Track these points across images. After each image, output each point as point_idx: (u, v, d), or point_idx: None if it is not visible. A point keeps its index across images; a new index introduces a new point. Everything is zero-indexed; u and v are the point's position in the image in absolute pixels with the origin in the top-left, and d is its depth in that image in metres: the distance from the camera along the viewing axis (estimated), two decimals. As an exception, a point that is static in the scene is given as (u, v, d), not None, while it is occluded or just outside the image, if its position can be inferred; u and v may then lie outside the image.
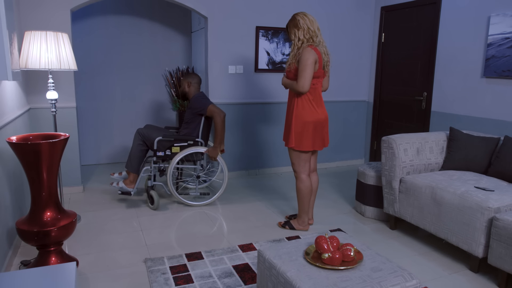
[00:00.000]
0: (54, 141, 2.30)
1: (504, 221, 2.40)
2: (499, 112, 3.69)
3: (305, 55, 2.89)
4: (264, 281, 2.03)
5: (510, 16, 3.48)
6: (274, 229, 3.33)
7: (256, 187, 4.48)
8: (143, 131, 3.75)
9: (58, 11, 3.79)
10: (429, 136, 3.42)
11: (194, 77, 3.86)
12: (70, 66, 3.07)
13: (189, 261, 2.73)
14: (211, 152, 3.69)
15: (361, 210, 3.66)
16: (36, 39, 2.92)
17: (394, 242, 3.13)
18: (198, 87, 3.90)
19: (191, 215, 3.60)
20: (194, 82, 3.86)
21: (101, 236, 3.14)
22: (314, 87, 3.02)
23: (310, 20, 3.01)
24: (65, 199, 3.93)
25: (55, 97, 3.17)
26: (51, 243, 2.39)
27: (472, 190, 2.73)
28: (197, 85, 3.88)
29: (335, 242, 1.93)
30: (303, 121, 3.02)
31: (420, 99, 4.56)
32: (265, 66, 4.76)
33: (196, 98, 3.79)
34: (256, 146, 4.93)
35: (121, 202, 3.90)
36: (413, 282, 1.81)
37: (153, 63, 5.49)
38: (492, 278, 2.59)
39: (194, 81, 3.85)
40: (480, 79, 3.84)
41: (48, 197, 2.37)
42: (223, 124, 3.65)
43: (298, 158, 3.14)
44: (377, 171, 3.53)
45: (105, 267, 2.66)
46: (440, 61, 4.27)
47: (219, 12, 4.45)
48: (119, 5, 5.19)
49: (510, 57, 3.51)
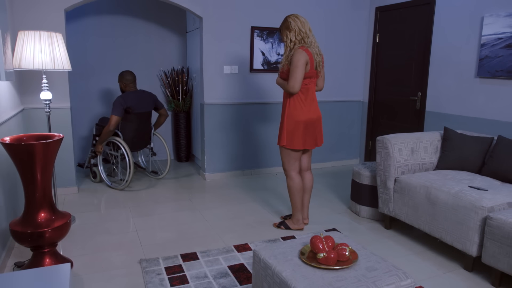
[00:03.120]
0: (48, 141, 2.29)
1: (497, 220, 2.42)
2: (492, 112, 3.71)
3: (296, 56, 2.93)
4: (259, 281, 2.03)
5: (503, 16, 3.51)
6: (269, 229, 3.33)
7: (251, 187, 4.48)
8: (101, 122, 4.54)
9: (52, 11, 3.77)
10: (423, 136, 3.44)
11: (127, 75, 4.31)
12: (64, 66, 3.06)
13: (184, 262, 2.72)
14: (96, 146, 4.31)
15: (356, 210, 3.68)
16: (30, 39, 2.90)
17: (389, 242, 3.14)
18: (133, 85, 4.35)
19: (186, 215, 3.59)
20: (129, 80, 4.31)
21: (96, 237, 3.13)
22: (306, 87, 3.05)
23: (302, 21, 3.04)
24: (60, 200, 3.91)
25: (49, 98, 3.16)
26: (45, 244, 2.37)
27: (466, 190, 2.75)
28: (131, 83, 4.33)
29: (330, 242, 1.93)
30: (294, 120, 3.06)
31: (415, 99, 4.58)
32: (260, 66, 4.76)
33: (117, 98, 4.19)
34: (251, 146, 4.93)
35: (116, 203, 3.89)
36: (407, 281, 1.82)
37: (147, 63, 5.47)
38: (486, 277, 2.61)
39: (128, 80, 4.31)
40: (474, 79, 3.86)
41: (42, 198, 2.36)
42: (105, 135, 4.17)
43: (288, 156, 3.17)
44: (372, 171, 3.54)
45: (99, 268, 2.65)
46: (434, 61, 4.29)
47: (214, 12, 4.45)
48: (113, 5, 5.18)
49: (503, 57, 3.53)
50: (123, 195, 4.12)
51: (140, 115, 4.34)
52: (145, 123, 4.44)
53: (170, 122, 5.74)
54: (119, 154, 4.41)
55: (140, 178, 4.78)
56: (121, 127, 4.33)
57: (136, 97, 4.29)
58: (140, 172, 4.97)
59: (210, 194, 4.23)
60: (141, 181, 4.68)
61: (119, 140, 4.21)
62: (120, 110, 4.14)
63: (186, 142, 5.58)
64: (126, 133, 4.34)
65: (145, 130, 4.50)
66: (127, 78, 4.31)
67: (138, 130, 4.41)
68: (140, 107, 4.31)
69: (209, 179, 4.76)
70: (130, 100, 4.22)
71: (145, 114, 4.41)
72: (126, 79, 4.31)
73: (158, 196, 4.11)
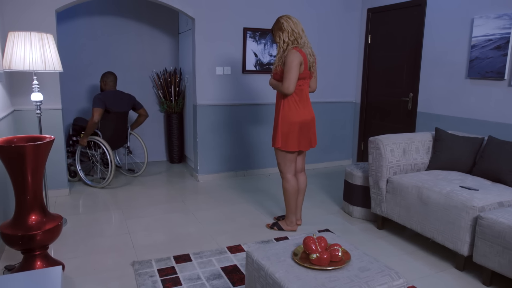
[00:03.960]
0: (39, 143, 2.27)
1: (488, 219, 2.44)
2: (483, 113, 3.75)
3: (290, 57, 2.92)
4: (252, 283, 2.03)
5: (493, 18, 3.55)
6: (262, 230, 3.33)
7: (244, 188, 4.47)
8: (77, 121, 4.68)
9: (42, 11, 3.74)
10: (415, 137, 3.46)
11: (108, 76, 4.50)
12: (55, 67, 3.03)
13: (177, 263, 2.71)
14: (80, 140, 4.37)
15: (349, 210, 3.69)
16: (20, 40, 2.88)
17: (382, 242, 3.15)
18: (113, 85, 4.53)
19: (178, 217, 3.58)
20: (109, 80, 4.49)
21: (88, 239, 3.10)
22: (300, 88, 3.05)
23: (294, 22, 3.04)
24: (51, 202, 3.88)
25: (40, 99, 3.13)
26: (36, 247, 2.35)
27: (457, 190, 2.77)
28: (111, 83, 4.51)
29: (323, 243, 1.94)
30: (289, 122, 3.05)
31: (406, 100, 4.61)
32: (252, 67, 4.77)
33: (97, 95, 4.35)
34: (244, 147, 4.93)
35: (108, 205, 3.87)
36: (400, 281, 1.83)
37: (140, 64, 5.45)
38: (477, 276, 2.63)
39: (109, 79, 4.49)
40: (465, 80, 3.90)
41: (33, 200, 2.33)
42: (90, 127, 4.27)
43: (284, 158, 3.16)
44: (364, 171, 3.56)
45: (92, 270, 2.63)
46: (425, 63, 4.33)
47: (206, 13, 4.44)
48: (105, 6, 5.15)
49: (493, 58, 3.57)
50: (115, 197, 4.10)
51: (118, 115, 4.53)
52: (122, 122, 4.64)
53: (162, 123, 5.72)
54: (99, 153, 4.54)
55: (117, 176, 4.87)
56: (101, 126, 4.51)
57: (115, 96, 4.49)
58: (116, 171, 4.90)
59: (203, 195, 4.22)
60: (118, 178, 4.79)
61: (99, 139, 4.35)
62: (102, 104, 4.31)
63: (179, 144, 5.57)
64: (105, 132, 4.51)
65: (123, 129, 4.70)
66: (109, 77, 4.51)
67: (116, 129, 4.59)
68: (118, 106, 4.50)
69: (202, 180, 4.74)
70: (109, 98, 4.41)
71: (123, 114, 4.61)
72: (108, 79, 4.50)
73: (150, 198, 4.09)
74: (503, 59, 3.49)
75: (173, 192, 4.33)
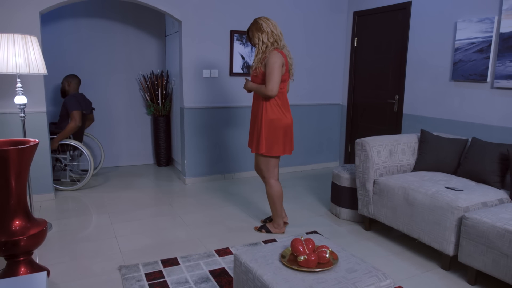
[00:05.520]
0: (22, 147, 2.23)
1: (472, 219, 2.48)
2: (466, 114, 3.82)
3: (273, 58, 2.88)
4: (240, 285, 2.03)
5: (475, 22, 3.62)
6: (250, 233, 3.33)
7: (232, 191, 4.47)
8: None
9: (26, 13, 3.68)
10: (401, 138, 3.50)
11: (73, 78, 4.53)
12: (39, 70, 2.99)
13: (165, 267, 2.69)
14: (51, 143, 4.23)
15: (337, 212, 3.71)
16: (3, 42, 2.83)
17: (369, 243, 3.18)
18: (77, 88, 4.57)
19: (166, 220, 3.55)
20: (74, 82, 4.52)
21: (74, 244, 3.06)
22: (281, 91, 3.02)
23: (273, 24, 3.03)
24: (36, 207, 3.82)
25: (23, 102, 3.08)
26: (20, 252, 2.31)
27: (443, 190, 2.81)
28: (75, 85, 4.54)
29: (310, 245, 1.94)
30: (275, 126, 3.00)
31: (392, 102, 4.66)
32: (240, 70, 4.77)
33: (71, 97, 4.36)
34: (231, 150, 4.92)
35: (94, 209, 3.82)
36: (387, 282, 1.84)
37: (126, 67, 5.40)
38: (463, 275, 2.67)
39: (74, 81, 4.52)
40: (449, 83, 3.96)
41: (16, 205, 2.29)
42: (71, 131, 4.27)
43: (267, 164, 3.12)
44: (351, 173, 3.58)
45: (77, 276, 2.59)
46: (411, 65, 4.39)
47: (193, 16, 4.43)
48: (90, 8, 5.09)
49: (476, 61, 3.64)
50: (102, 201, 4.05)
51: (84, 117, 4.58)
52: (83, 124, 4.67)
53: (149, 126, 5.68)
54: (68, 155, 4.52)
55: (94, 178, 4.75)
56: None
57: (83, 98, 4.58)
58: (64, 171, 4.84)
59: (191, 198, 4.20)
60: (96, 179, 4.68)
61: (76, 142, 4.36)
62: (79, 106, 4.35)
63: (166, 146, 5.53)
64: (76, 133, 4.52)
65: (82, 131, 4.76)
66: (74, 79, 4.55)
67: (81, 131, 4.66)
68: (87, 109, 4.61)
69: (190, 183, 4.72)
70: (81, 100, 4.48)
71: (86, 116, 4.68)
72: (73, 80, 4.53)
73: (137, 201, 4.06)
74: (485, 62, 3.56)
75: (161, 195, 4.30)
